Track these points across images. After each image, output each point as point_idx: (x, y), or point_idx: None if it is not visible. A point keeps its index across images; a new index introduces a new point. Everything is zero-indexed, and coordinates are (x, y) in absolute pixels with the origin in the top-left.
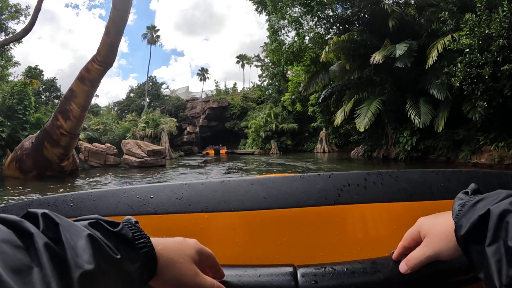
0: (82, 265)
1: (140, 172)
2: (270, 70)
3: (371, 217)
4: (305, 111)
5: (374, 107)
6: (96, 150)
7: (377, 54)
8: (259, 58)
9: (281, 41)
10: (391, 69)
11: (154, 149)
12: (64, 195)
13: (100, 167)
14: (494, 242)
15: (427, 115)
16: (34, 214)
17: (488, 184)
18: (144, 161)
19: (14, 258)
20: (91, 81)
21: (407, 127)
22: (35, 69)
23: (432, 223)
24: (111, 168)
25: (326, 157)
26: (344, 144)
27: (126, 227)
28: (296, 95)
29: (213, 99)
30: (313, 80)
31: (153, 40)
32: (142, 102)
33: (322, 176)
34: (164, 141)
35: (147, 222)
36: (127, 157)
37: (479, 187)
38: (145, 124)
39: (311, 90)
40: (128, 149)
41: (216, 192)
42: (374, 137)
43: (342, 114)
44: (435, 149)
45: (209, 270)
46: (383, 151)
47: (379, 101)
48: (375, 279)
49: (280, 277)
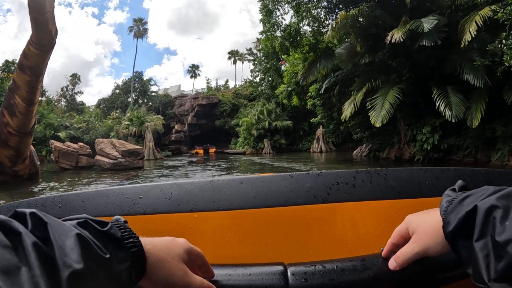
0: (71, 265)
1: (110, 176)
2: (263, 65)
3: (360, 215)
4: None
5: (392, 97)
6: (67, 150)
7: (395, 32)
8: (251, 52)
9: (275, 23)
10: (409, 52)
11: (129, 149)
12: (53, 196)
13: (71, 169)
14: (482, 238)
15: (460, 106)
16: (22, 214)
17: (476, 182)
18: (117, 163)
19: (2, 258)
20: (31, 68)
21: (426, 123)
22: (13, 63)
23: (421, 220)
24: (84, 171)
25: (324, 157)
26: (341, 143)
27: (115, 226)
28: (292, 87)
29: (203, 95)
30: (313, 67)
31: (140, 34)
32: (128, 99)
33: (311, 174)
34: (148, 140)
35: (136, 222)
36: (99, 158)
37: (466, 184)
38: (129, 122)
39: (312, 79)
40: (100, 149)
41: (205, 191)
42: (383, 135)
43: (352, 106)
44: (459, 148)
45: (198, 270)
46: (395, 151)
47: (397, 90)
48: (364, 276)
49: (270, 275)
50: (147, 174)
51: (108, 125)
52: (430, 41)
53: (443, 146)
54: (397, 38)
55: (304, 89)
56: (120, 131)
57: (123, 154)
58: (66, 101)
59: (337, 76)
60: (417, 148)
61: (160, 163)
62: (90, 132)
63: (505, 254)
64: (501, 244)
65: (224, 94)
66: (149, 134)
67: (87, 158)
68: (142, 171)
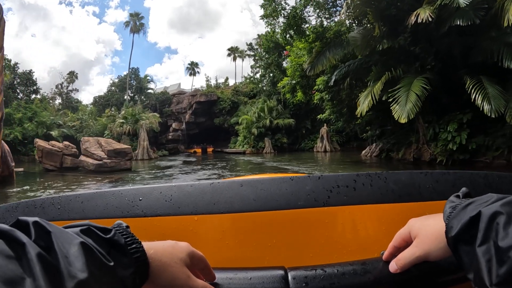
0: (75, 275)
1: (92, 179)
2: (264, 60)
3: (361, 219)
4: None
5: (418, 88)
6: (50, 150)
7: (421, 11)
8: (251, 47)
9: (278, 4)
10: (433, 37)
11: (116, 149)
12: (52, 197)
13: (56, 170)
14: (485, 243)
15: (499, 99)
16: (24, 223)
17: (476, 185)
18: (102, 164)
19: (6, 269)
20: None
21: (451, 119)
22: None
23: (423, 224)
24: (68, 172)
25: (329, 157)
26: (345, 142)
27: (118, 233)
28: (297, 80)
29: (201, 92)
30: (322, 55)
31: (136, 29)
32: (124, 96)
33: (311, 177)
34: (143, 139)
35: (136, 225)
36: (83, 159)
37: (470, 191)
38: (123, 120)
39: (320, 68)
40: (85, 149)
41: (205, 194)
42: (398, 133)
43: (369, 98)
44: (488, 149)
45: (200, 273)
46: (413, 152)
47: (424, 80)
48: (365, 280)
49: (271, 280)
50: (133, 177)
51: (103, 123)
52: (466, 20)
53: (471, 147)
54: (425, 18)
55: (310, 83)
56: (114, 130)
57: (109, 154)
58: (62, 99)
59: (349, 66)
60: (439, 149)
61: (153, 163)
62: (84, 131)
63: (507, 259)
64: (503, 249)
65: (223, 91)
66: (143, 133)
67: (72, 158)
68: (129, 174)
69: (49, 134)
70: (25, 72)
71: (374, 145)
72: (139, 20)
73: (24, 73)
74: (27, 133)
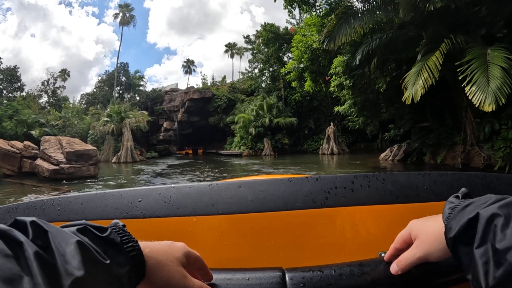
0: (72, 272)
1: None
2: (263, 53)
3: (358, 220)
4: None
5: (500, 61)
6: (8, 151)
7: None
8: (249, 39)
9: None
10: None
11: (78, 151)
12: (52, 199)
13: (14, 175)
14: (482, 245)
15: None
16: (22, 222)
17: (473, 186)
18: (58, 170)
19: (4, 267)
20: None
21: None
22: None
23: (423, 225)
24: (27, 179)
25: (337, 161)
26: (351, 143)
27: (114, 231)
28: (305, 63)
29: (194, 89)
30: (346, 23)
31: (125, 21)
32: (112, 93)
33: (309, 179)
34: (126, 139)
35: (135, 226)
36: (39, 163)
37: (469, 192)
38: (107, 118)
39: (342, 40)
40: (43, 150)
41: (204, 195)
42: (436, 132)
43: (427, 76)
44: None
45: (197, 273)
46: (460, 155)
47: (504, 50)
48: (362, 281)
49: (269, 280)
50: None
51: (88, 122)
52: None
53: None
54: None
55: (321, 69)
56: (97, 128)
57: (68, 157)
58: (48, 96)
59: (381, 38)
60: (500, 153)
61: (136, 167)
62: (66, 130)
63: (504, 261)
64: (501, 252)
65: (219, 88)
66: (127, 132)
67: (31, 161)
68: (90, 183)
69: (29, 134)
70: (9, 68)
71: (396, 148)
72: (129, 11)
73: (8, 69)
74: (6, 132)
